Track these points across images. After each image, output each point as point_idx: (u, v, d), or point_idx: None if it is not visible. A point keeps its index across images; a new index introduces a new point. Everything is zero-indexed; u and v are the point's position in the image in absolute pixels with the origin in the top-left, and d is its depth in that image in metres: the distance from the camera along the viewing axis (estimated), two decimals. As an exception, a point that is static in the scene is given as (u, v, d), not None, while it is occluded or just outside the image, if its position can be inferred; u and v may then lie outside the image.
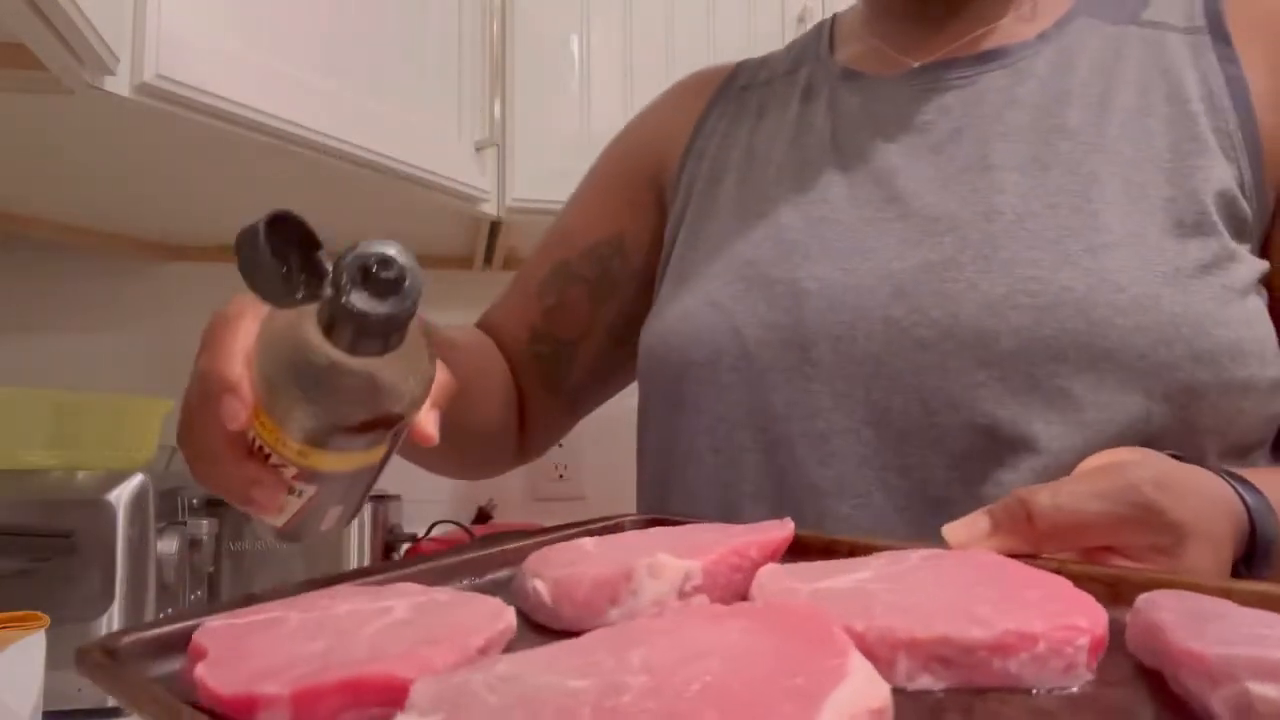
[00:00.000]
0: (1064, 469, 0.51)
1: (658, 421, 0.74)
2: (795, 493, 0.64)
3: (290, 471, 0.44)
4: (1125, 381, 0.56)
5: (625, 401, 1.61)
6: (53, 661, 0.73)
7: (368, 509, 1.32)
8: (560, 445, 1.63)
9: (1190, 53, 0.65)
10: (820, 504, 0.63)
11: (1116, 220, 0.60)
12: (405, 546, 1.38)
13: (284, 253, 0.37)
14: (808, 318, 0.65)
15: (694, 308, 0.70)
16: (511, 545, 0.51)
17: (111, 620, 0.90)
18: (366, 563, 1.32)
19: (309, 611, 0.38)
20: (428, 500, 1.51)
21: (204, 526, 1.06)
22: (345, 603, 0.39)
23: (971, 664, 0.32)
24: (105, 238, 1.39)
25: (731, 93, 0.83)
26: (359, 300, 0.37)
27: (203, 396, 0.44)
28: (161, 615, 0.94)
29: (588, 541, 0.47)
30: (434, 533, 1.42)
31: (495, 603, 0.39)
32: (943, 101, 0.69)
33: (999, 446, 0.58)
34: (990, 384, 0.59)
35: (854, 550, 0.48)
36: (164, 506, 0.97)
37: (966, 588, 0.37)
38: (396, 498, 1.40)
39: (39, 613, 0.74)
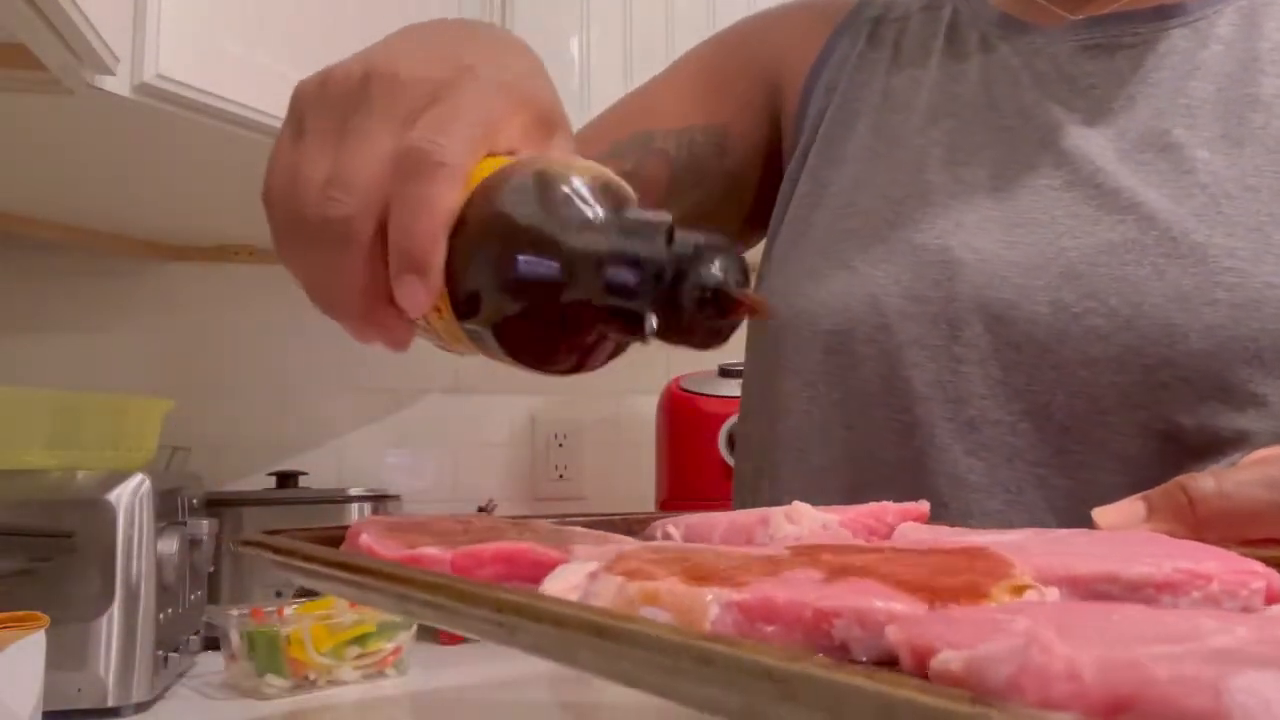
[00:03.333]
0: None
1: (772, 388, 0.67)
2: (935, 481, 0.58)
3: (426, 331, 0.38)
4: None
5: (625, 400, 1.62)
6: (53, 661, 0.73)
7: (368, 508, 1.32)
8: (560, 445, 1.63)
9: None
10: (965, 497, 0.57)
11: None
12: (405, 546, 1.38)
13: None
14: (961, 292, 0.58)
15: (823, 268, 0.63)
16: (632, 515, 0.50)
17: (111, 620, 0.90)
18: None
19: (453, 520, 0.41)
20: (427, 500, 1.51)
21: (204, 526, 1.06)
22: (484, 520, 0.41)
23: (1138, 601, 0.29)
24: (105, 238, 1.38)
25: (861, 23, 0.74)
26: (697, 319, 0.31)
27: (343, 244, 0.35)
28: (161, 616, 0.94)
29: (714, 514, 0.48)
30: (434, 533, 1.42)
31: (627, 538, 0.41)
32: (1113, 63, 0.62)
33: (1180, 454, 0.53)
34: (1174, 385, 0.53)
35: None
36: (164, 506, 0.97)
37: (1125, 545, 0.34)
38: (396, 498, 1.40)
39: (39, 613, 0.73)
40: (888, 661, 0.23)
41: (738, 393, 1.40)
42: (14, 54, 0.81)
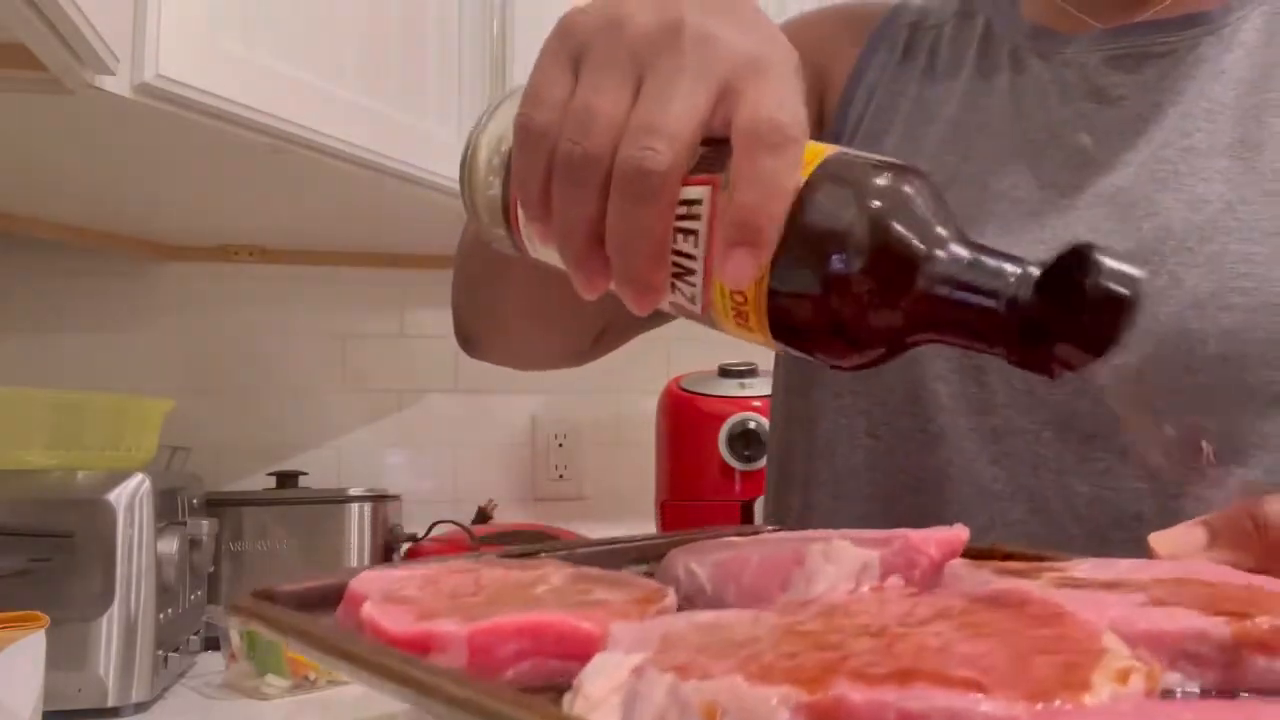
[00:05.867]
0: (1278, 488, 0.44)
1: (803, 397, 0.68)
2: (960, 490, 0.59)
3: (690, 291, 0.36)
4: None
5: (625, 400, 1.62)
6: (53, 661, 0.73)
7: (368, 508, 1.32)
8: (560, 445, 1.63)
9: None
10: (991, 506, 0.58)
11: None
12: (405, 547, 1.38)
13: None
14: None
15: None
16: (646, 541, 0.48)
17: (111, 620, 0.90)
18: (367, 563, 1.32)
19: (462, 573, 0.36)
20: (428, 500, 1.51)
21: (204, 526, 1.06)
22: (494, 569, 0.37)
23: (1230, 663, 0.27)
24: (105, 238, 1.39)
25: (898, 28, 0.73)
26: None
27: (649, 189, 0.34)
28: (173, 605, 0.94)
29: (733, 539, 0.43)
30: (434, 533, 1.42)
31: (651, 581, 0.37)
32: (1141, 73, 0.62)
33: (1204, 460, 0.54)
34: (1195, 391, 0.54)
35: (1039, 559, 0.41)
36: (164, 506, 0.97)
37: (1201, 590, 0.31)
38: (396, 498, 1.40)
39: (39, 613, 0.74)
40: None
41: (738, 393, 1.42)
42: (14, 54, 0.81)
